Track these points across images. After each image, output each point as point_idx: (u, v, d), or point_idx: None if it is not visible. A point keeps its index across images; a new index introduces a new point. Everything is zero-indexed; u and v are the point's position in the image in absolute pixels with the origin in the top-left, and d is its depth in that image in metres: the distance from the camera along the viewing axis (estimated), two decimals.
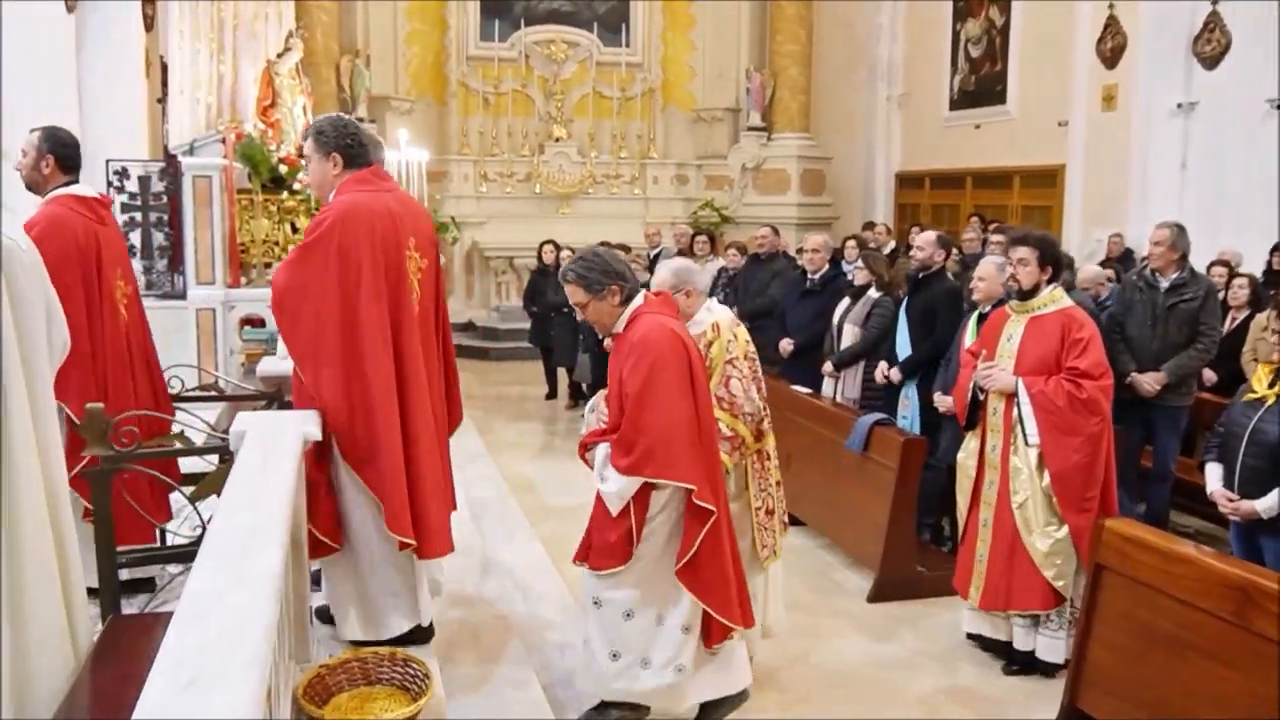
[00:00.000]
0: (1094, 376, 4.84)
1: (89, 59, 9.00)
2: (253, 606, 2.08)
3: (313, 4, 13.84)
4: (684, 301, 4.67)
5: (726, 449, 4.53)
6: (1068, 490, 4.83)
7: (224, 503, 2.80)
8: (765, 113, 16.46)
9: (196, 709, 1.66)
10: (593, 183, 16.26)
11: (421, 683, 3.71)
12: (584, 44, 16.32)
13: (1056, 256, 5.10)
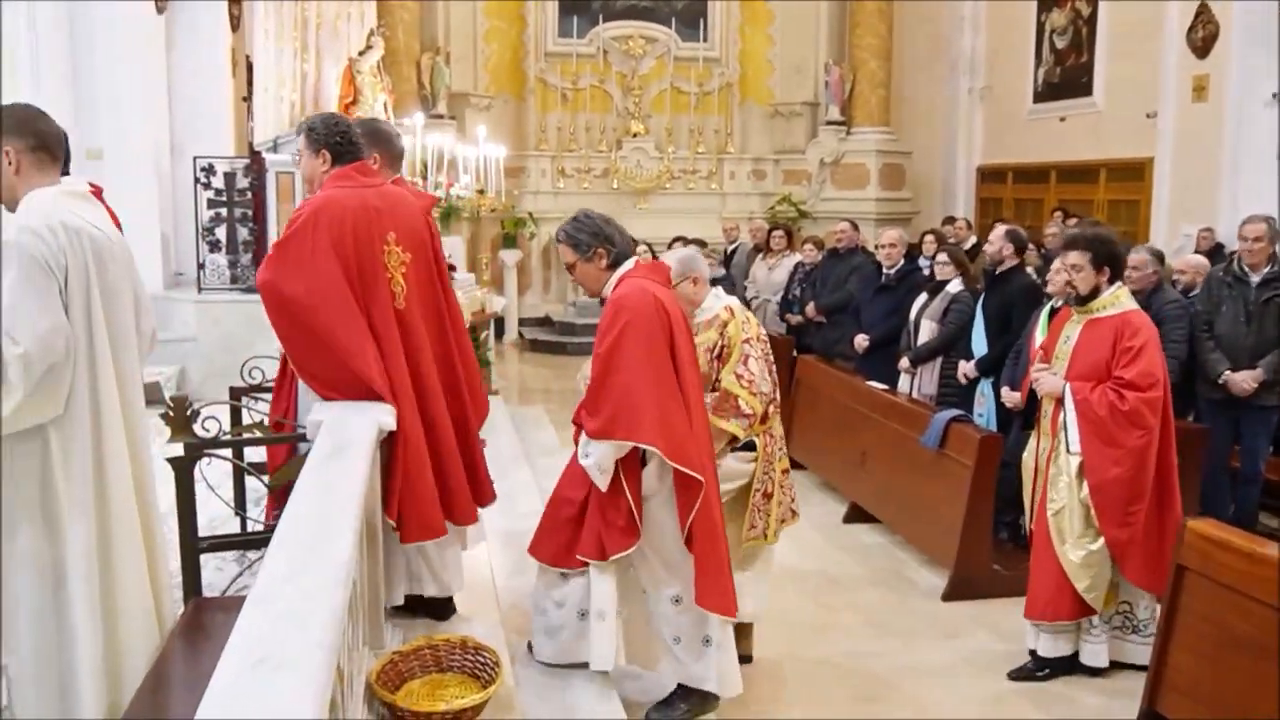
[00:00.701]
0: (1140, 388, 4.64)
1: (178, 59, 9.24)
2: (323, 590, 2.13)
3: (394, 3, 14.02)
4: (691, 290, 4.70)
5: (744, 424, 4.57)
6: (1107, 503, 4.68)
7: (299, 490, 2.86)
8: (844, 107, 16.31)
9: (265, 686, 1.70)
10: (669, 178, 16.26)
11: (491, 671, 3.76)
12: (662, 39, 16.33)
13: (1113, 255, 4.86)
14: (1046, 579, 4.84)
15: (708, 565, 4.05)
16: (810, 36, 16.71)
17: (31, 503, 2.83)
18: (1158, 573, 4.71)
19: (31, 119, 3.01)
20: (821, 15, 16.61)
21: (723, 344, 4.65)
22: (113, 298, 2.95)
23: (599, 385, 3.98)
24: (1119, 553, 4.71)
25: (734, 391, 4.60)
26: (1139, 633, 4.91)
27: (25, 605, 2.86)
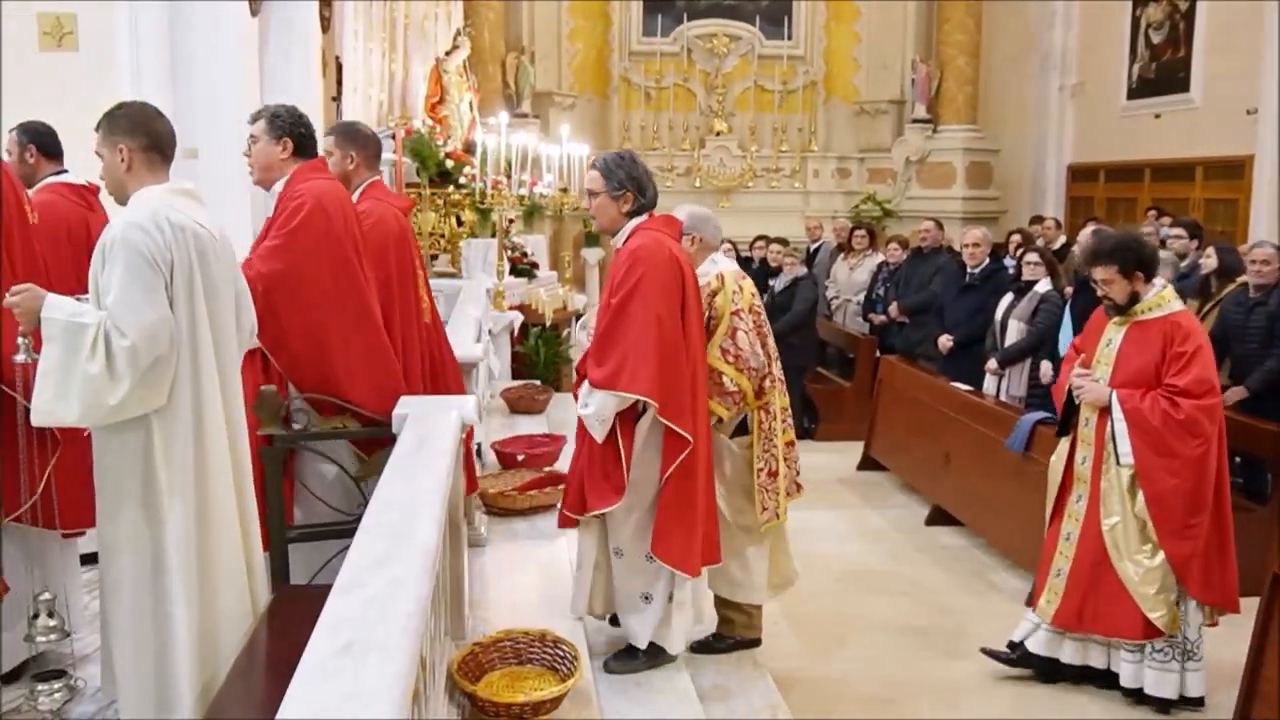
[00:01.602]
0: (1195, 395, 4.43)
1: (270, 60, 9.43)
2: (407, 579, 2.18)
3: (480, 3, 14.18)
4: (691, 249, 4.58)
5: (728, 404, 4.45)
6: (1166, 515, 4.47)
7: (384, 481, 2.92)
8: (931, 104, 16.10)
9: (352, 671, 1.75)
10: (753, 176, 16.21)
11: (570, 664, 3.80)
12: (746, 37, 16.28)
13: (1141, 258, 4.61)
14: (1102, 592, 4.62)
15: (671, 517, 4.01)
16: (897, 33, 16.53)
17: (134, 488, 2.94)
18: (1221, 586, 4.56)
19: (147, 119, 3.11)
20: (909, 12, 16.42)
21: (710, 315, 4.50)
22: (215, 293, 3.05)
23: (608, 336, 3.94)
24: (1180, 567, 4.49)
25: (718, 368, 4.45)
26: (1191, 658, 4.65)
27: (125, 585, 2.97)
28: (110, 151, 3.07)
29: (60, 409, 2.82)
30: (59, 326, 2.83)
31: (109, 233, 2.91)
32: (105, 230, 2.94)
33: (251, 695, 2.77)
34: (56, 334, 2.83)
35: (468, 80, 10.46)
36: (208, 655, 2.99)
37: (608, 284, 4.09)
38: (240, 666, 2.85)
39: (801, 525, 7.47)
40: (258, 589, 3.19)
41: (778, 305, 9.77)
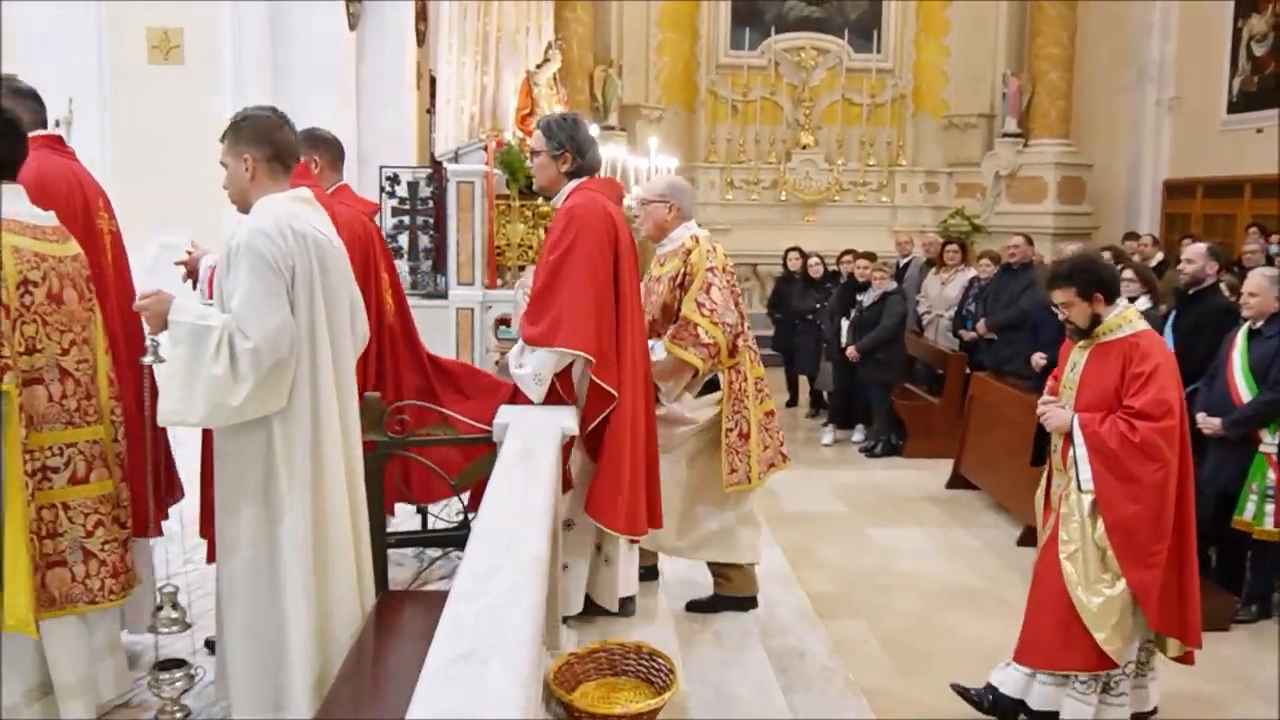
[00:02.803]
0: (1152, 417, 4.23)
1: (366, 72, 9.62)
2: (522, 588, 2.19)
3: (570, 16, 14.30)
4: (666, 217, 4.67)
5: (703, 355, 4.51)
6: (1128, 543, 4.27)
7: (492, 490, 2.95)
8: (1022, 118, 15.85)
9: (475, 678, 1.77)
10: (839, 190, 16.10)
11: (666, 677, 3.79)
12: (834, 50, 16.21)
13: (1098, 279, 4.43)
14: (1054, 624, 4.42)
15: (604, 477, 4.00)
16: (988, 47, 16.32)
17: (254, 487, 3.02)
18: (1181, 616, 4.41)
19: (273, 129, 3.19)
20: (1000, 25, 16.20)
21: (685, 271, 4.57)
22: (333, 299, 3.12)
23: (544, 293, 3.92)
24: (1143, 596, 4.29)
25: (693, 319, 4.51)
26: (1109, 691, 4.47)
27: (242, 581, 3.05)
28: (235, 161, 3.15)
29: (186, 410, 2.91)
30: (185, 329, 2.91)
31: (234, 238, 2.98)
32: (231, 236, 3.01)
33: (361, 698, 2.81)
34: (183, 336, 2.91)
35: (558, 93, 10.54)
36: (319, 654, 3.05)
37: (545, 242, 4.11)
38: (349, 668, 2.90)
39: (889, 542, 7.46)
40: (366, 590, 3.24)
41: (866, 320, 9.70)
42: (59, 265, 3.06)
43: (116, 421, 3.26)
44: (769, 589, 5.87)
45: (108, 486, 3.16)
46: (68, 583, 3.02)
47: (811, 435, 10.71)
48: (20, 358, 2.92)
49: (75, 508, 3.04)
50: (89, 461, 3.09)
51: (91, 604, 3.06)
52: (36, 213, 3.09)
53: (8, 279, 2.88)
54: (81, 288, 3.15)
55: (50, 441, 3.02)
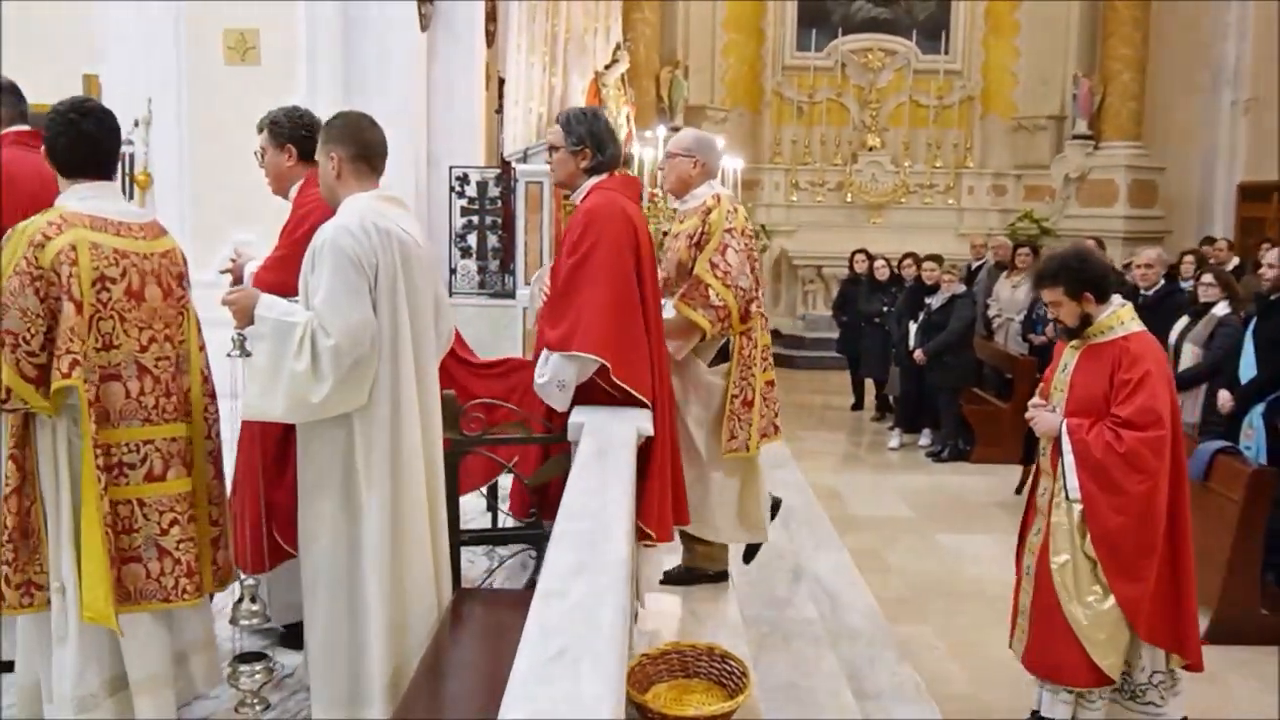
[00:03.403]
0: (1139, 426, 4.04)
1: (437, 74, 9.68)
2: (607, 589, 2.19)
3: (638, 17, 14.33)
4: (691, 172, 4.57)
5: (712, 317, 4.41)
6: (1114, 556, 4.11)
7: (571, 490, 2.95)
8: (1092, 120, 15.60)
9: (567, 678, 1.76)
10: (905, 192, 15.98)
11: (739, 680, 3.76)
12: (901, 52, 16.08)
13: (1087, 278, 4.23)
14: (1055, 635, 4.27)
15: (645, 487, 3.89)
16: (1059, 48, 16.08)
17: (334, 482, 3.05)
18: (1175, 630, 4.24)
19: (360, 129, 3.22)
20: (1072, 25, 15.96)
21: (703, 230, 4.48)
22: (416, 298, 3.13)
23: (564, 297, 3.85)
24: (1131, 610, 4.13)
25: (705, 279, 4.41)
26: (1136, 699, 4.32)
27: (323, 575, 3.09)
28: (324, 159, 3.19)
29: (267, 405, 2.94)
30: (270, 325, 2.95)
31: (319, 236, 3.01)
32: (316, 234, 3.04)
33: (438, 696, 2.82)
34: (267, 332, 2.95)
35: (625, 94, 10.57)
36: (396, 649, 3.07)
37: (564, 242, 4.01)
38: (426, 665, 2.91)
39: (957, 548, 7.37)
40: (442, 587, 3.26)
41: (933, 323, 9.60)
42: (143, 262, 3.07)
43: (210, 419, 3.26)
44: (840, 591, 5.85)
45: (185, 485, 3.14)
46: (142, 579, 3.03)
47: (877, 439, 10.62)
48: (98, 353, 2.94)
49: (151, 505, 3.04)
50: (166, 459, 3.09)
51: (165, 602, 3.06)
52: (126, 209, 3.13)
53: (83, 276, 2.89)
54: (168, 284, 3.16)
55: (127, 438, 3.02)
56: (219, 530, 3.26)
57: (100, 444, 2.95)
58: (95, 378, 2.94)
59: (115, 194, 3.14)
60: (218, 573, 3.26)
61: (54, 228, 2.93)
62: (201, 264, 4.27)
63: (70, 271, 2.87)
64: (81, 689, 3.02)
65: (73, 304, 2.88)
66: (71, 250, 2.89)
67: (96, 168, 3.10)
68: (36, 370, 2.87)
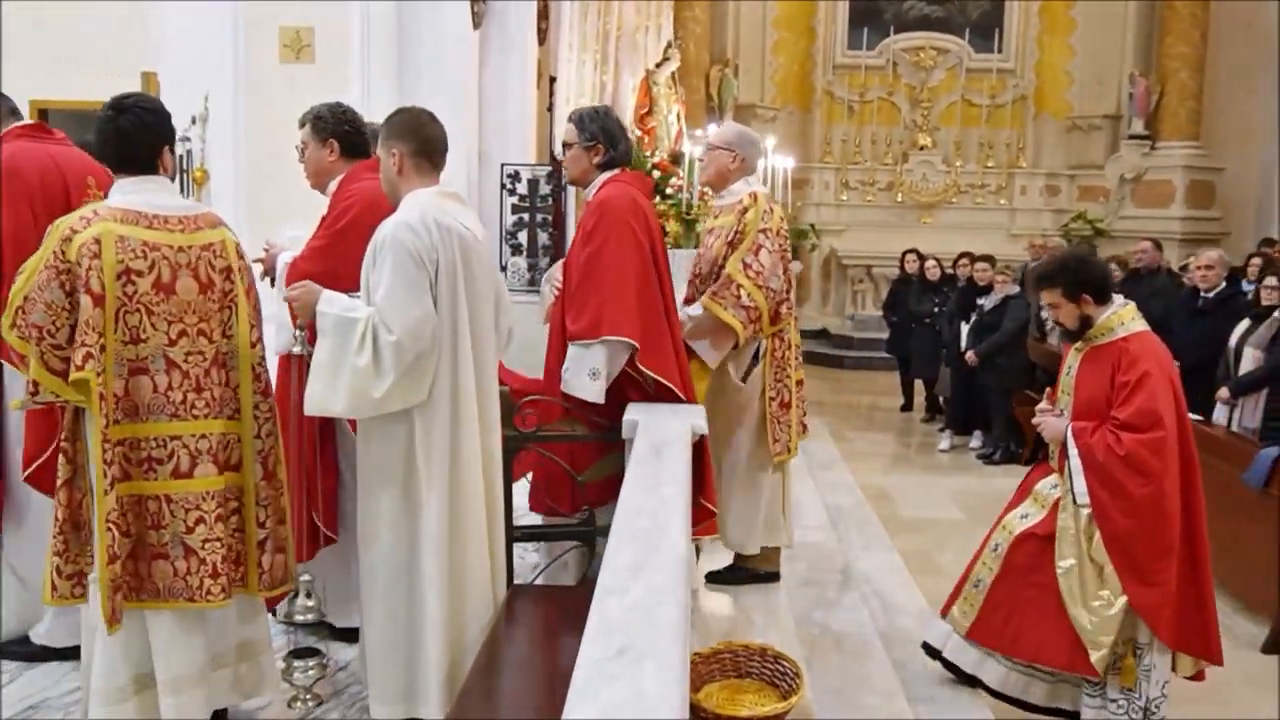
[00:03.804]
0: (1137, 428, 3.96)
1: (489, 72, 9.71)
2: (667, 586, 2.18)
3: (688, 16, 14.31)
4: (730, 166, 4.56)
5: (743, 318, 4.38)
6: (1124, 558, 4.02)
7: (628, 487, 2.94)
8: (1149, 120, 15.38)
9: (631, 675, 1.75)
10: (957, 192, 15.85)
11: (791, 681, 3.75)
12: (954, 50, 15.95)
13: (1084, 279, 4.17)
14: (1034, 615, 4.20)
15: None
16: (1115, 46, 15.86)
17: (394, 478, 3.06)
18: (1201, 635, 4.15)
19: (420, 125, 3.23)
20: (1128, 24, 15.73)
21: (738, 229, 4.47)
22: (476, 293, 3.14)
23: (583, 284, 3.81)
24: (1150, 615, 4.04)
25: (737, 279, 4.40)
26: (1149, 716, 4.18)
27: (381, 570, 3.10)
28: (384, 154, 3.21)
29: (329, 400, 2.95)
30: (331, 321, 2.96)
31: (380, 232, 3.02)
32: (377, 230, 3.05)
33: (494, 693, 2.82)
34: (329, 328, 2.96)
35: (676, 92, 10.56)
36: (452, 645, 3.07)
37: (577, 235, 3.99)
38: (482, 662, 2.91)
39: None
40: (498, 584, 3.26)
41: (986, 324, 9.49)
42: (176, 255, 2.99)
43: (261, 417, 3.17)
44: (891, 593, 5.79)
45: (215, 483, 3.04)
46: (170, 576, 2.96)
47: (927, 440, 10.52)
48: (125, 346, 2.90)
49: (177, 501, 2.97)
50: (194, 456, 3.00)
51: (190, 601, 2.97)
52: (169, 202, 3.07)
53: (106, 269, 2.86)
54: (207, 278, 3.06)
55: (154, 432, 2.96)
56: (267, 533, 3.17)
57: (129, 438, 2.93)
58: (124, 371, 2.91)
59: (162, 187, 3.10)
60: (263, 576, 3.16)
61: (83, 221, 2.92)
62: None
63: (90, 264, 2.84)
64: (107, 682, 3.00)
65: (90, 297, 2.84)
66: (95, 243, 2.86)
67: (137, 162, 3.07)
68: (63, 363, 2.86)
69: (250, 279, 3.20)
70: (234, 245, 3.16)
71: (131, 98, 3.16)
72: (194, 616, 3.03)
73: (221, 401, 3.07)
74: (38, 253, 2.95)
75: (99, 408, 2.85)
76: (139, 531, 2.97)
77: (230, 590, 3.04)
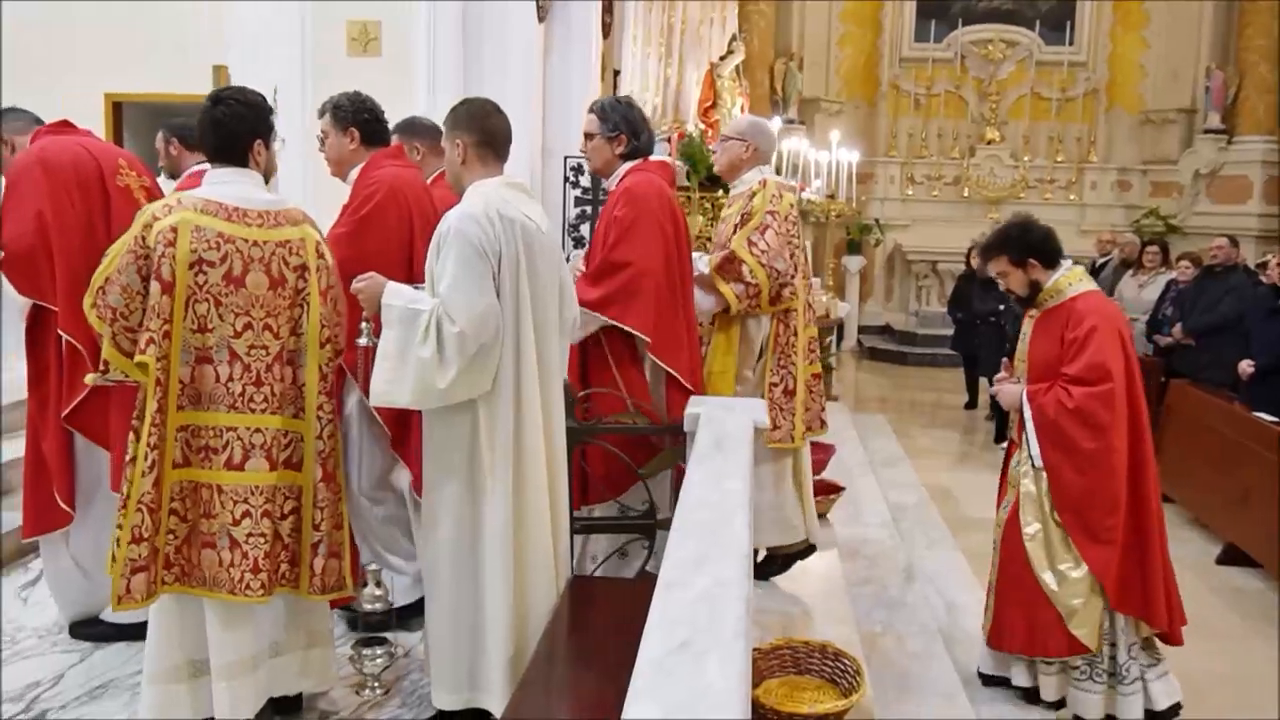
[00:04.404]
0: (1087, 382, 4.03)
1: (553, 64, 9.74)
2: (730, 580, 2.16)
3: (753, 9, 14.23)
4: (743, 155, 4.59)
5: (740, 292, 4.39)
6: (1077, 518, 4.09)
7: (690, 481, 2.93)
8: (1226, 114, 15.02)
9: (694, 669, 1.74)
10: (1025, 187, 15.62)
11: (852, 679, 3.72)
12: (1024, 43, 15.70)
13: (1031, 243, 4.23)
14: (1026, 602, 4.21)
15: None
16: (1190, 39, 15.51)
17: (458, 467, 3.07)
18: (1143, 594, 4.13)
19: (484, 115, 3.24)
20: (1205, 16, 15.37)
21: (745, 212, 4.49)
22: (539, 284, 3.14)
23: (611, 262, 3.93)
24: (1101, 573, 4.07)
25: (741, 255, 4.41)
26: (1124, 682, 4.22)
27: (445, 558, 3.11)
28: (449, 145, 3.22)
29: (395, 391, 2.97)
30: (397, 312, 2.97)
31: (444, 223, 3.03)
32: (441, 221, 3.06)
33: (555, 684, 2.83)
34: (394, 319, 2.97)
35: (740, 85, 10.48)
36: (515, 634, 3.08)
37: (601, 220, 4.08)
38: (543, 653, 2.92)
39: None
40: (560, 574, 3.26)
41: None
42: (250, 249, 3.01)
43: (324, 418, 3.16)
44: (954, 594, 5.72)
45: (265, 479, 3.04)
46: (216, 566, 3.00)
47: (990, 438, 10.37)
48: (193, 335, 2.96)
49: (227, 493, 3.00)
50: (246, 449, 3.01)
51: (231, 594, 2.99)
52: (247, 195, 3.09)
53: (179, 257, 2.92)
54: (279, 274, 3.07)
55: (213, 422, 3.00)
56: (321, 536, 3.15)
57: (190, 425, 2.99)
58: (190, 358, 2.97)
59: (249, 180, 3.13)
60: (314, 580, 3.15)
61: (165, 209, 2.99)
62: None
63: (164, 252, 2.91)
64: (157, 664, 3.06)
65: (160, 284, 2.91)
66: (171, 231, 2.92)
67: (229, 153, 3.12)
68: (133, 344, 2.96)
69: (331, 279, 3.20)
70: (315, 243, 3.18)
71: (230, 90, 3.22)
72: (242, 606, 3.06)
73: (283, 399, 3.09)
74: (123, 236, 3.03)
75: (153, 392, 2.92)
76: (194, 519, 3.02)
77: (271, 588, 3.06)
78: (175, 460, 2.98)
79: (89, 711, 3.39)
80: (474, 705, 3.13)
